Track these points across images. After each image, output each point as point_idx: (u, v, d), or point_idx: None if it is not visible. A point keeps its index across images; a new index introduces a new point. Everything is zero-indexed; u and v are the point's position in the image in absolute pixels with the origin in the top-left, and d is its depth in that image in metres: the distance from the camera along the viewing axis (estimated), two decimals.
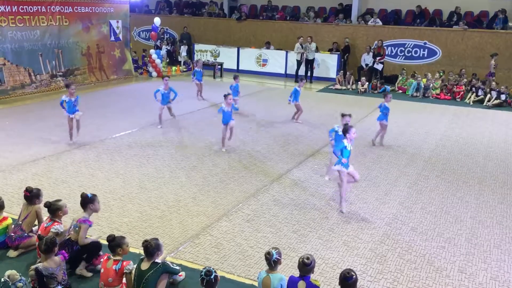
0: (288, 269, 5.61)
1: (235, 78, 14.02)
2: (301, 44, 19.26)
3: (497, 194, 8.26)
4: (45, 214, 5.89)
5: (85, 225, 5.42)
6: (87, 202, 5.55)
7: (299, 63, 19.52)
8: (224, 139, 10.19)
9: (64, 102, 9.97)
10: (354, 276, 4.31)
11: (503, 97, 15.89)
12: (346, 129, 7.33)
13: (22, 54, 14.97)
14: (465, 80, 17.50)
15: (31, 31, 15.13)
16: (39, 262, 5.05)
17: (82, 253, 5.42)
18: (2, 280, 4.52)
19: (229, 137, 10.31)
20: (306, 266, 4.54)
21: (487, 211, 7.54)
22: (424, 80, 17.62)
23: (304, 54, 19.25)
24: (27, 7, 14.87)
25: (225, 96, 10.08)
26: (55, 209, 5.69)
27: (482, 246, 6.44)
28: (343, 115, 8.74)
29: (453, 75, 17.77)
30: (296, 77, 19.62)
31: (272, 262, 4.66)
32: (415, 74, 17.98)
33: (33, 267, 4.94)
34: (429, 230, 6.84)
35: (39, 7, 15.28)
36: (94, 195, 5.64)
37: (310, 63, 19.47)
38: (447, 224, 7.05)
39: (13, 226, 6.01)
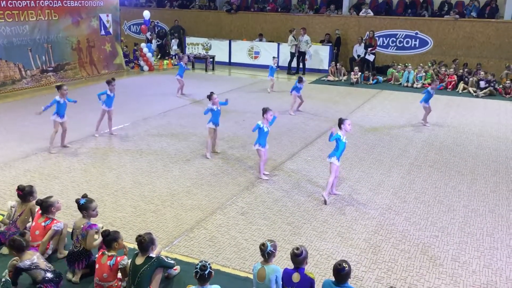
0: (283, 261, 5.63)
1: (273, 58, 16.02)
2: (294, 36, 19.20)
3: (489, 183, 8.31)
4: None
5: (92, 230, 5.33)
6: (81, 208, 5.43)
7: (292, 55, 19.46)
8: (213, 144, 9.43)
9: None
10: (346, 268, 4.33)
11: (492, 85, 16.00)
12: (341, 121, 7.28)
13: (12, 49, 14.82)
14: (454, 69, 17.51)
15: (20, 26, 14.97)
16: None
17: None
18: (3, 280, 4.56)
19: (215, 144, 9.52)
20: (297, 257, 4.55)
21: (479, 200, 7.59)
22: (415, 70, 17.65)
23: (297, 46, 19.19)
24: (15, 2, 14.70)
25: (209, 96, 9.18)
26: (47, 206, 5.66)
27: (475, 234, 6.49)
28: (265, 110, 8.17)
29: (443, 66, 17.83)
30: (289, 69, 19.60)
31: (266, 254, 4.66)
32: (399, 64, 18.13)
33: (10, 263, 5.02)
34: (423, 220, 6.88)
35: (28, 1, 15.11)
36: (87, 202, 5.42)
37: (302, 55, 19.42)
38: (440, 213, 7.10)
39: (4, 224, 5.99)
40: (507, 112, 13.69)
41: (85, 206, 5.40)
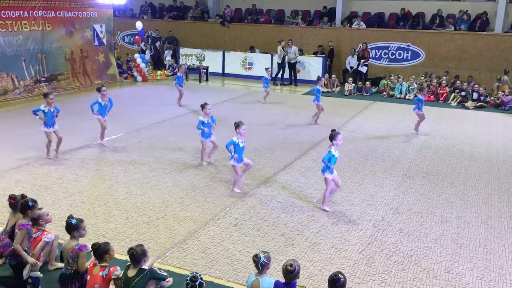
0: (276, 272, 5.60)
1: (266, 69, 15.93)
2: (282, 48, 19.32)
3: (482, 194, 8.35)
4: None
5: (83, 252, 5.14)
6: (71, 229, 5.27)
7: (279, 66, 19.54)
8: (206, 153, 9.55)
9: (41, 111, 9.19)
10: (342, 279, 4.30)
11: (482, 98, 16.16)
12: (332, 136, 7.31)
13: (5, 59, 14.75)
14: (446, 81, 17.64)
15: (13, 36, 14.92)
16: None
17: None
18: None
19: (209, 156, 9.61)
20: (290, 273, 4.50)
21: (472, 211, 7.62)
22: (407, 82, 17.78)
23: (286, 58, 19.30)
24: (9, 12, 14.66)
25: (203, 106, 9.27)
26: (37, 218, 5.60)
27: (468, 246, 6.50)
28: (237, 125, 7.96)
29: (435, 78, 17.99)
30: (275, 80, 19.60)
31: (260, 265, 4.63)
32: (391, 75, 18.30)
33: None
34: (416, 231, 6.89)
35: (22, 12, 15.08)
36: (79, 222, 5.30)
37: (293, 67, 19.52)
38: (433, 224, 7.11)
39: None
40: (498, 124, 13.81)
41: (76, 226, 5.24)
